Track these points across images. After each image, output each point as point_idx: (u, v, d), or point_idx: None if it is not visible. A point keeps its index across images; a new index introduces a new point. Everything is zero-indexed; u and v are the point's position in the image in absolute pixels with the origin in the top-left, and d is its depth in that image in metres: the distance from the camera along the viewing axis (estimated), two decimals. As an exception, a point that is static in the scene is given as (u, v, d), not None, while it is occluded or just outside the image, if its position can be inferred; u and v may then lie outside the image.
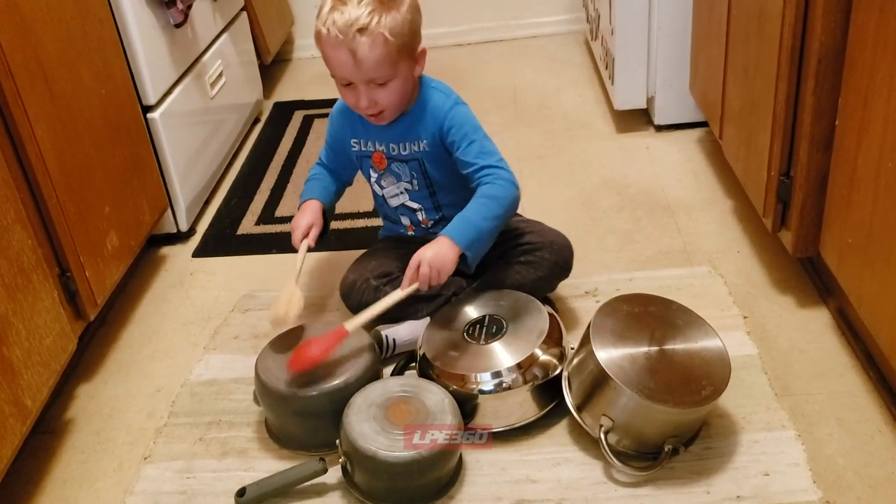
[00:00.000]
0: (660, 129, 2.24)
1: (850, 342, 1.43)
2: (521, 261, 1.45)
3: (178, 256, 1.92)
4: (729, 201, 1.89)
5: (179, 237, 1.97)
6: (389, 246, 1.58)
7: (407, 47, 1.34)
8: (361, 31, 1.29)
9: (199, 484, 1.30)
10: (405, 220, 1.57)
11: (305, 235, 1.50)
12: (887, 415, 1.29)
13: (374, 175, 1.52)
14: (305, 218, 1.52)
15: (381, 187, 1.53)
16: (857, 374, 1.37)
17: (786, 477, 1.19)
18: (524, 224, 1.54)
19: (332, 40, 1.31)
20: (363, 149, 1.50)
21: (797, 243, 1.46)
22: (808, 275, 1.61)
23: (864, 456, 1.23)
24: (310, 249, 1.51)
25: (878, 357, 1.35)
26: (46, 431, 1.45)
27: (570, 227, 1.75)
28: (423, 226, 1.55)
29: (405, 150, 1.46)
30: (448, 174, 1.48)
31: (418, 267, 1.32)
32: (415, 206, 1.53)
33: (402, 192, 1.52)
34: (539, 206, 1.78)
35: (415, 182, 1.49)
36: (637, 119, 2.30)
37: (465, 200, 1.40)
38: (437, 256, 1.32)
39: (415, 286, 1.33)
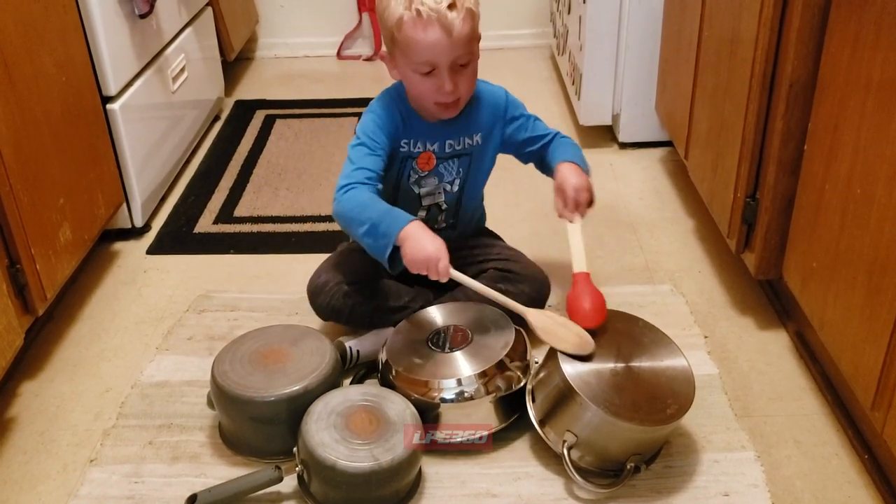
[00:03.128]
0: (623, 146, 2.25)
1: (809, 365, 1.44)
2: (500, 288, 1.44)
3: (132, 253, 1.87)
4: (690, 221, 1.91)
5: (134, 233, 1.91)
6: (363, 249, 1.53)
7: (477, 26, 1.36)
8: (451, 6, 1.30)
9: (148, 489, 1.26)
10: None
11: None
12: (844, 438, 1.30)
13: (413, 176, 1.47)
14: (434, 241, 1.27)
15: (420, 187, 1.48)
16: (814, 396, 1.39)
17: (745, 498, 1.20)
18: (508, 251, 1.54)
19: (425, 20, 1.30)
20: (411, 150, 1.45)
21: (760, 265, 1.47)
22: (767, 297, 1.62)
23: (822, 479, 1.24)
24: None
25: (836, 381, 1.37)
26: (-14, 430, 1.39)
27: (532, 240, 1.75)
28: (437, 225, 1.52)
29: (460, 145, 1.46)
30: (484, 175, 1.54)
31: (576, 196, 1.41)
32: (444, 205, 1.51)
33: (440, 192, 1.49)
34: (502, 218, 1.77)
35: (456, 182, 1.49)
36: (601, 135, 2.31)
37: (475, 211, 1.56)
38: (582, 178, 1.43)
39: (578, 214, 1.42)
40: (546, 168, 1.54)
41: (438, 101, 1.37)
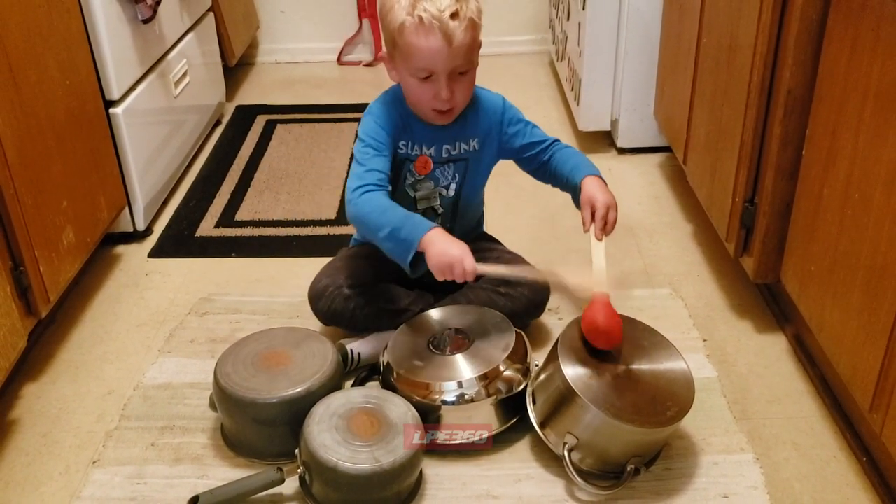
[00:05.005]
0: (622, 151, 2.27)
1: (807, 368, 1.45)
2: (500, 291, 1.45)
3: (134, 256, 1.88)
4: (689, 225, 1.92)
5: (135, 236, 1.92)
6: (365, 254, 1.54)
7: (478, 35, 1.37)
8: (454, 16, 1.30)
9: (151, 490, 1.26)
10: None
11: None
12: (842, 441, 1.31)
13: (409, 179, 1.48)
14: (456, 245, 1.28)
15: (416, 190, 1.49)
16: (812, 399, 1.40)
17: (744, 500, 1.20)
18: (507, 255, 1.55)
19: (427, 27, 1.30)
20: (409, 152, 1.46)
21: (758, 269, 1.48)
22: (765, 301, 1.63)
23: (820, 481, 1.25)
24: None
25: (834, 383, 1.38)
26: (-11, 432, 1.40)
27: (533, 245, 1.76)
28: None
29: (456, 150, 1.46)
30: (481, 181, 1.55)
31: (605, 213, 1.39)
32: (440, 209, 1.52)
33: (435, 196, 1.50)
34: (503, 224, 1.78)
35: (452, 186, 1.49)
36: (600, 141, 2.32)
37: (473, 215, 1.57)
38: (610, 194, 1.42)
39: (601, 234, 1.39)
40: (551, 176, 1.53)
41: (434, 107, 1.39)
